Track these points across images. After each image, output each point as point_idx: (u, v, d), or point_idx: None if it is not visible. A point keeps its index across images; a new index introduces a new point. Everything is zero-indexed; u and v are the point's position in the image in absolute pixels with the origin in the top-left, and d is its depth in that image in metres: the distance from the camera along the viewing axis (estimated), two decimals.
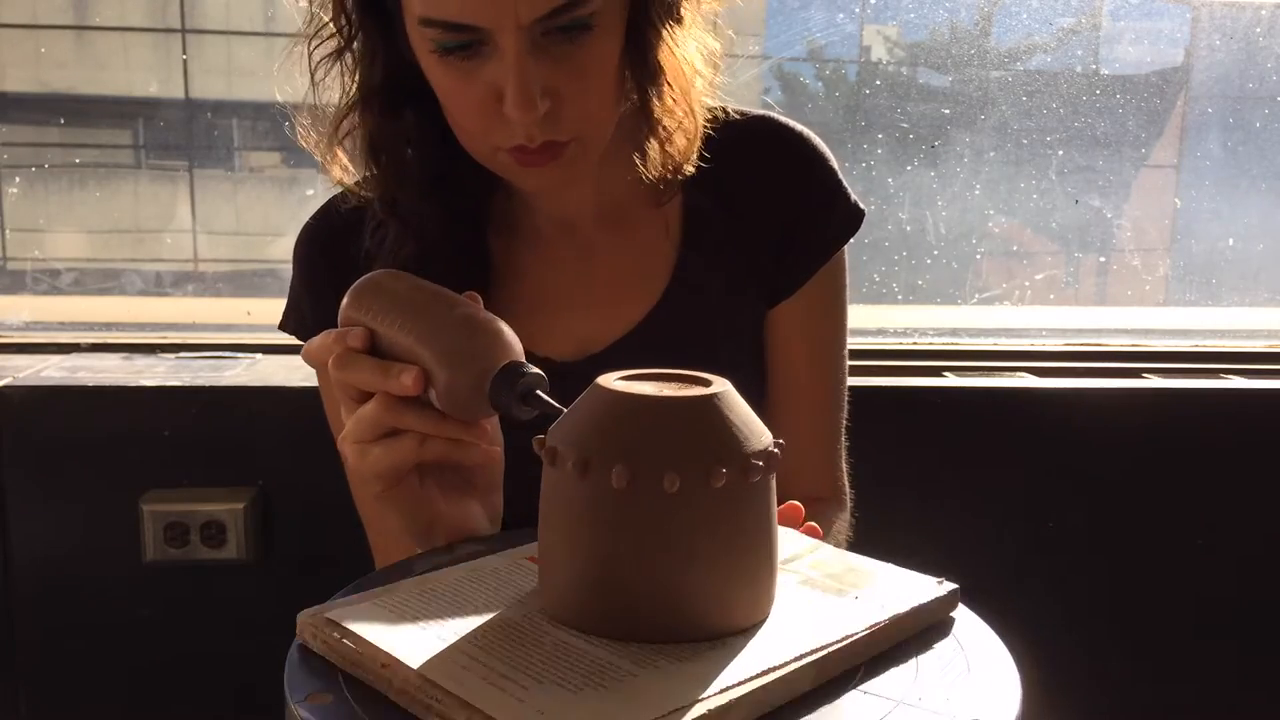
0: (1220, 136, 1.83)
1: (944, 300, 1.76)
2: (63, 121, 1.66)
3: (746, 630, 0.51)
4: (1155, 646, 1.38)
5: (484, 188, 0.86)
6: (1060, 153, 1.69)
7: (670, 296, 0.87)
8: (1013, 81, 1.65)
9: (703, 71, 0.82)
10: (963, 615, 0.56)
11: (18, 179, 1.62)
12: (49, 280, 1.60)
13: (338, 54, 0.79)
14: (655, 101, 0.80)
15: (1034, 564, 1.33)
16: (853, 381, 0.97)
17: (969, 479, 1.32)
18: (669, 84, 0.80)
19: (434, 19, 0.70)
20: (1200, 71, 1.80)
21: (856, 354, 1.52)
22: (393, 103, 0.79)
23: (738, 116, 0.88)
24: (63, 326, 1.50)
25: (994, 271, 1.82)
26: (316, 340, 0.67)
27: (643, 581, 0.50)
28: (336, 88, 0.81)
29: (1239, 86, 1.81)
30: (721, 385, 0.52)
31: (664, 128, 0.81)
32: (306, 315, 0.90)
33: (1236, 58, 1.75)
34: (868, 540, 0.66)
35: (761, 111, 0.90)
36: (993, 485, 1.33)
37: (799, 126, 0.90)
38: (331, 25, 0.78)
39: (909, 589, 0.55)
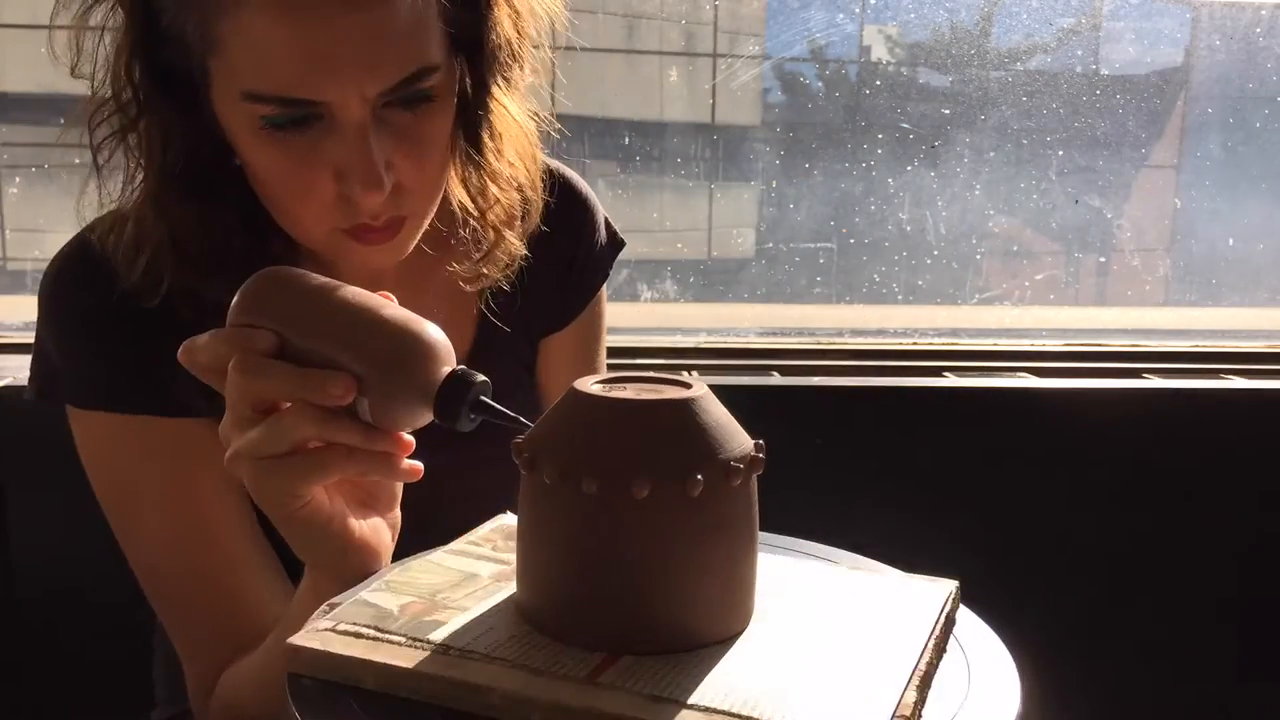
0: (1220, 137, 1.83)
1: (944, 300, 1.76)
2: (63, 122, 1.66)
3: (725, 641, 0.50)
4: (1156, 646, 1.37)
5: (294, 255, 0.77)
6: (1060, 153, 1.70)
7: (479, 348, 0.86)
8: (1013, 81, 1.65)
9: (532, 140, 0.80)
10: (963, 615, 0.56)
11: (18, 179, 1.62)
12: None
13: (122, 133, 0.70)
14: (489, 165, 0.76)
15: (1034, 564, 1.33)
16: (854, 381, 0.97)
17: (969, 479, 1.32)
18: (501, 149, 0.77)
19: (264, 94, 0.63)
20: (1200, 71, 1.80)
21: (857, 354, 1.53)
22: (191, 190, 0.70)
23: None
24: None
25: (994, 271, 1.82)
26: (203, 341, 0.59)
27: (620, 590, 0.49)
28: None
29: (1239, 86, 1.81)
30: (700, 389, 0.51)
31: (485, 198, 0.78)
32: (100, 375, 0.76)
33: (1236, 58, 1.75)
34: (868, 540, 0.66)
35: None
36: (993, 485, 1.33)
37: (565, 170, 0.90)
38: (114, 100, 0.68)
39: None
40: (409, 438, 0.60)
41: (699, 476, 0.48)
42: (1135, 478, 1.34)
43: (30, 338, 0.75)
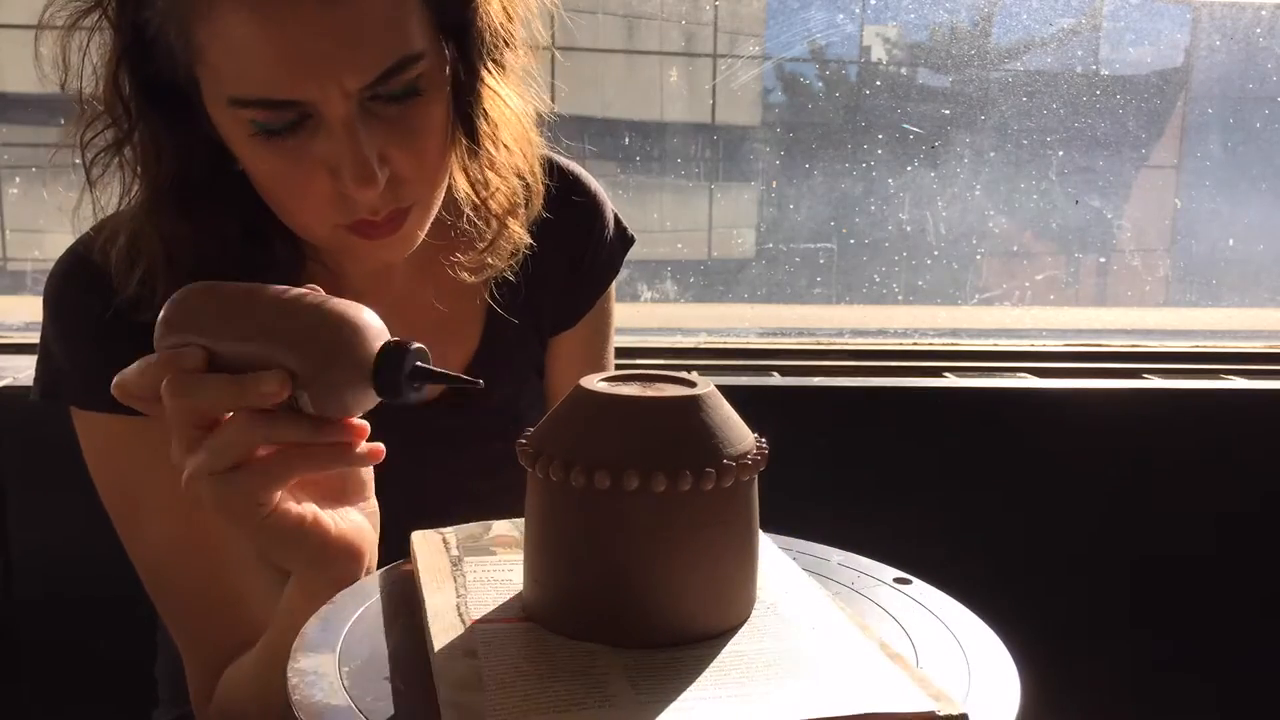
0: (1220, 137, 1.83)
1: (944, 300, 1.76)
2: (63, 122, 1.66)
3: (724, 634, 0.51)
4: (1156, 646, 1.38)
5: (299, 258, 0.78)
6: (1060, 153, 1.70)
7: (487, 343, 0.86)
8: (1013, 82, 1.65)
9: (529, 125, 0.79)
10: (963, 615, 0.56)
11: (18, 179, 1.62)
12: None
13: (116, 147, 0.69)
14: (487, 151, 0.75)
15: (1034, 564, 1.33)
16: (854, 381, 0.97)
17: (969, 479, 1.32)
18: (497, 135, 0.76)
19: (248, 98, 0.63)
20: (1200, 72, 1.80)
21: (857, 354, 1.53)
22: (188, 200, 0.70)
23: None
24: None
25: (994, 271, 1.82)
26: (131, 372, 0.58)
27: (624, 586, 0.49)
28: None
29: (1239, 87, 1.81)
30: (705, 386, 0.52)
31: (485, 186, 0.77)
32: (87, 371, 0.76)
33: (1236, 58, 1.75)
34: (867, 542, 0.66)
35: (543, 153, 0.85)
36: (992, 485, 1.33)
37: (574, 167, 0.90)
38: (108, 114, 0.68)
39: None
40: (360, 422, 0.59)
41: (709, 470, 0.48)
42: (1135, 478, 1.34)
43: (31, 338, 0.75)
